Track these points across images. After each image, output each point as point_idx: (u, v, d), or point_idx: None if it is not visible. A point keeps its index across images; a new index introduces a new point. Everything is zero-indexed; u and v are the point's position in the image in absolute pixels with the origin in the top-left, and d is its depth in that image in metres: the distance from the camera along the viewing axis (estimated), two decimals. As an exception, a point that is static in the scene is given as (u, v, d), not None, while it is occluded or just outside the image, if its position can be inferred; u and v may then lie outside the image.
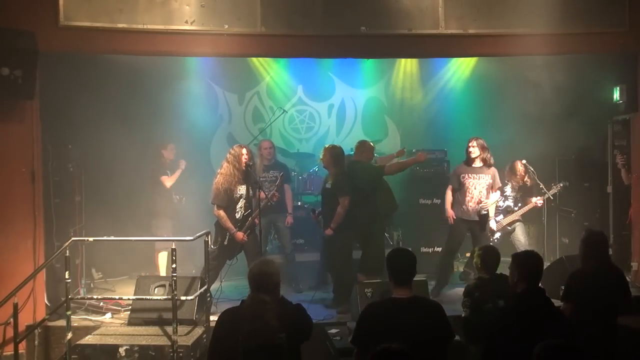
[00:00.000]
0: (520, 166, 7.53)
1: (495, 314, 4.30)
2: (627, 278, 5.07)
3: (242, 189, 6.40)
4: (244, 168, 6.36)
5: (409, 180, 7.91)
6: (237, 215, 6.40)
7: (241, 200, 6.40)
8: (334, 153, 6.62)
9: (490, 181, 6.87)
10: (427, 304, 3.85)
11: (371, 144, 7.07)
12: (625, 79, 7.24)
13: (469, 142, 6.91)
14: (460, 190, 6.92)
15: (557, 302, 4.17)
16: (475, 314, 4.60)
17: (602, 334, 4.35)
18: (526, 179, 7.56)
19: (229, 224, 6.31)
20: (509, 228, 7.43)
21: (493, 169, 6.95)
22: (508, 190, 7.54)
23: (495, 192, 7.02)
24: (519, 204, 7.49)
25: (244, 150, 6.44)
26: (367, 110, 9.64)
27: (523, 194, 7.57)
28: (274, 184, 7.04)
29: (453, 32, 6.63)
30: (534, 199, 7.41)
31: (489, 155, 6.88)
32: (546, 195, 7.38)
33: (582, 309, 4.35)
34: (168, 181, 7.38)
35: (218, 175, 6.39)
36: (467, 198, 6.84)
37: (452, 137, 8.71)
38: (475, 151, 6.84)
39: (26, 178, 6.03)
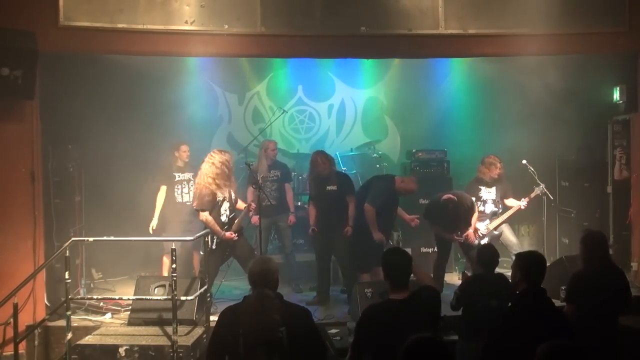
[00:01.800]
0: (490, 157, 7.36)
1: (488, 312, 4.32)
2: (627, 278, 5.06)
3: (225, 192, 6.26)
4: (230, 174, 6.27)
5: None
6: (223, 219, 6.28)
7: (225, 202, 6.28)
8: (328, 156, 6.87)
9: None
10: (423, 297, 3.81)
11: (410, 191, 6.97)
12: (625, 79, 7.25)
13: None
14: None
15: (557, 302, 4.17)
16: (467, 310, 4.64)
17: (603, 334, 4.35)
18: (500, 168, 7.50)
19: (217, 228, 6.16)
20: (495, 232, 7.36)
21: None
22: (485, 194, 7.28)
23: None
24: (500, 206, 7.44)
25: (229, 157, 6.34)
26: (367, 110, 9.62)
27: (502, 195, 7.44)
28: (274, 183, 7.16)
29: (453, 32, 6.64)
30: (518, 202, 7.40)
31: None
32: (532, 195, 7.37)
33: (584, 309, 4.35)
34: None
35: (200, 179, 6.20)
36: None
37: (452, 137, 8.70)
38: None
39: (26, 178, 6.03)
